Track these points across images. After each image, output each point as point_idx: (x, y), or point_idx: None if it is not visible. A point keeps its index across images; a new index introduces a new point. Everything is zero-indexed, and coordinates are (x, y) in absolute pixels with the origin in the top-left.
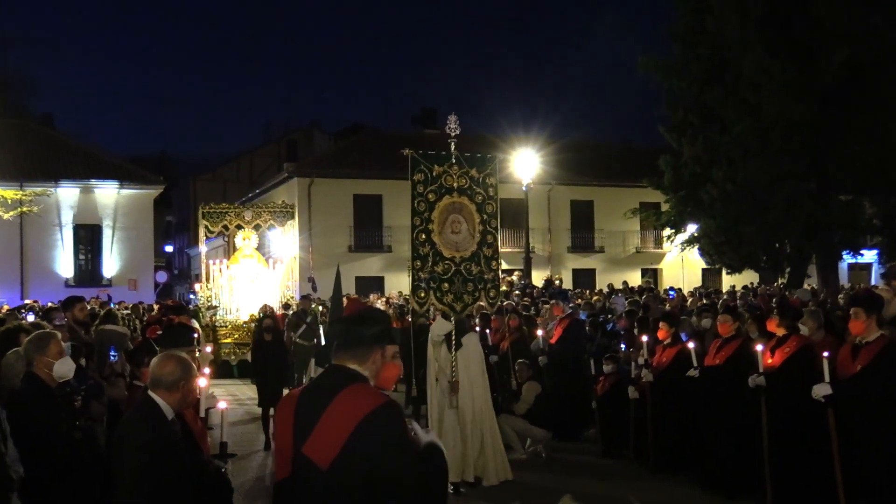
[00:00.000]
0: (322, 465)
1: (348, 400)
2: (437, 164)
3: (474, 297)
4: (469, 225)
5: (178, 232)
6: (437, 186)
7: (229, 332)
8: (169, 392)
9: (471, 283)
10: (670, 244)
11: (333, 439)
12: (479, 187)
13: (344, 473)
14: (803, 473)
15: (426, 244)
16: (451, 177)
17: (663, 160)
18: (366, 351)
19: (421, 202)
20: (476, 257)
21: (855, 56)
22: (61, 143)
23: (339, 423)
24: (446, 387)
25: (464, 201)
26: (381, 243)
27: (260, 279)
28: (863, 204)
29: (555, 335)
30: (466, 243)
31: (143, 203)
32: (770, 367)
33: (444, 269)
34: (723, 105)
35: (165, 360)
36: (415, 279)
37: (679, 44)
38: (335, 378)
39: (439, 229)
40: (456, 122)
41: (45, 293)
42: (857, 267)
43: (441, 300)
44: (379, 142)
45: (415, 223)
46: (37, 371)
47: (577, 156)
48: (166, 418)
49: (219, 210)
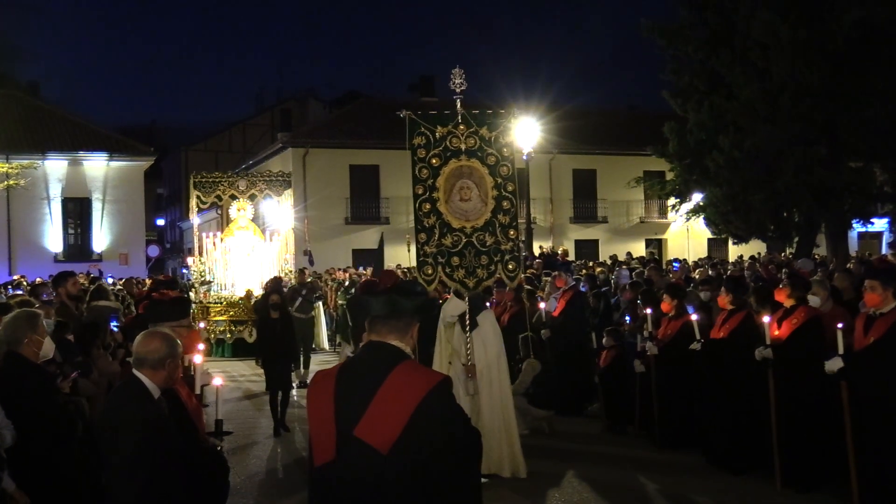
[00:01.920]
0: (381, 449)
1: (403, 379)
2: (439, 124)
3: (490, 271)
4: (480, 190)
5: (169, 205)
6: (441, 150)
7: (224, 308)
8: (154, 370)
9: (485, 255)
10: (675, 214)
11: (392, 421)
12: (492, 147)
13: (406, 455)
14: (812, 447)
15: (431, 215)
16: (458, 138)
17: (668, 127)
18: (407, 324)
19: (423, 168)
20: (490, 226)
21: (867, 17)
22: (48, 113)
23: (396, 405)
24: (461, 371)
25: (473, 164)
26: (378, 215)
27: (256, 252)
28: (874, 171)
29: (557, 308)
30: (478, 211)
31: (134, 175)
32: (777, 339)
33: (454, 241)
34: (730, 70)
35: (150, 338)
36: (420, 254)
37: (685, 7)
38: (381, 356)
39: (446, 197)
40: (462, 75)
41: (33, 269)
42: (867, 236)
43: (451, 276)
44: (375, 110)
45: (417, 192)
46: (24, 350)
47: (579, 123)
48: (153, 397)
49: (211, 179)
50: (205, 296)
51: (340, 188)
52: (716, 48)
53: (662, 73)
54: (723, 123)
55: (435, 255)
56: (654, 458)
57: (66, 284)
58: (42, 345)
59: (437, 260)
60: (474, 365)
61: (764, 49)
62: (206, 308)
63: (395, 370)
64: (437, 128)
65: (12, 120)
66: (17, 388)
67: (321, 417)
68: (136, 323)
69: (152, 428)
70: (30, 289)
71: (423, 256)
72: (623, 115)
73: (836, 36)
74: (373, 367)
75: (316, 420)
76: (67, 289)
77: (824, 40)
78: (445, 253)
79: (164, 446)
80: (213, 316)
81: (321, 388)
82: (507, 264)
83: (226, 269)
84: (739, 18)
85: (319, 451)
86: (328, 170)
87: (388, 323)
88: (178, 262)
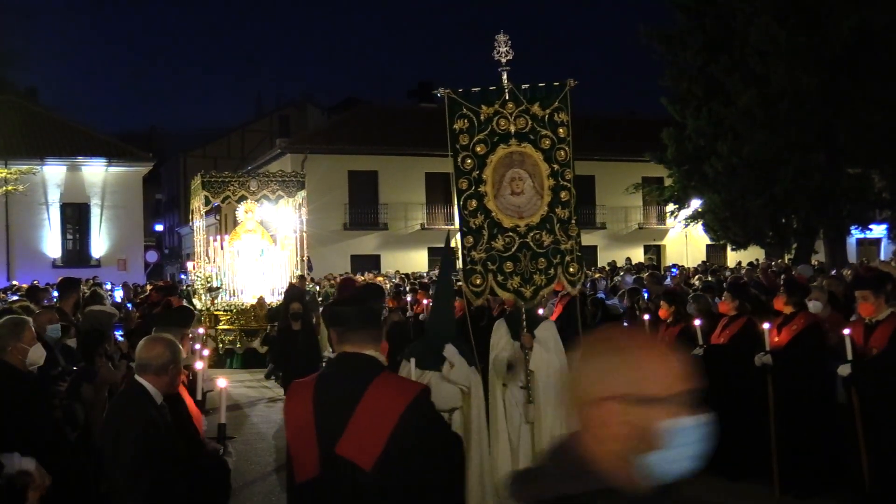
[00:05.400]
0: (364, 466)
1: (381, 392)
2: (484, 103)
3: (549, 276)
4: (535, 181)
5: (167, 210)
6: (487, 134)
7: (234, 317)
8: (157, 376)
9: (543, 257)
10: (674, 220)
11: (374, 437)
12: (546, 128)
13: (391, 471)
14: (810, 453)
15: (479, 213)
16: (506, 118)
17: (666, 133)
18: (381, 332)
19: (467, 158)
20: (547, 222)
21: (865, 22)
22: (47, 118)
23: (377, 420)
24: (518, 395)
25: (525, 150)
26: (376, 221)
27: (266, 257)
28: (872, 177)
29: (555, 312)
30: (533, 206)
31: (132, 180)
32: (776, 346)
33: (506, 243)
34: (728, 76)
35: (153, 344)
36: (466, 262)
37: (683, 13)
38: (358, 368)
39: (495, 191)
40: (507, 42)
41: (32, 274)
42: (865, 242)
43: (504, 286)
44: (374, 116)
45: (461, 187)
46: (8, 358)
47: (577, 129)
48: (156, 403)
49: (220, 179)
50: (211, 303)
51: (339, 194)
52: (714, 54)
53: (661, 79)
54: (721, 129)
55: (484, 261)
56: None
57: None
58: (27, 353)
59: (487, 267)
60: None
61: (762, 55)
62: (214, 317)
63: (373, 383)
64: (481, 107)
65: (11, 125)
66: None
67: (301, 432)
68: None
69: (155, 432)
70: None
71: (471, 264)
72: (622, 119)
73: (834, 42)
74: (351, 380)
75: (295, 434)
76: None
77: (822, 46)
78: (496, 258)
79: (166, 451)
80: (223, 325)
81: (299, 400)
82: (569, 267)
83: (234, 275)
84: (738, 24)
85: (301, 468)
86: (327, 175)
87: (363, 332)
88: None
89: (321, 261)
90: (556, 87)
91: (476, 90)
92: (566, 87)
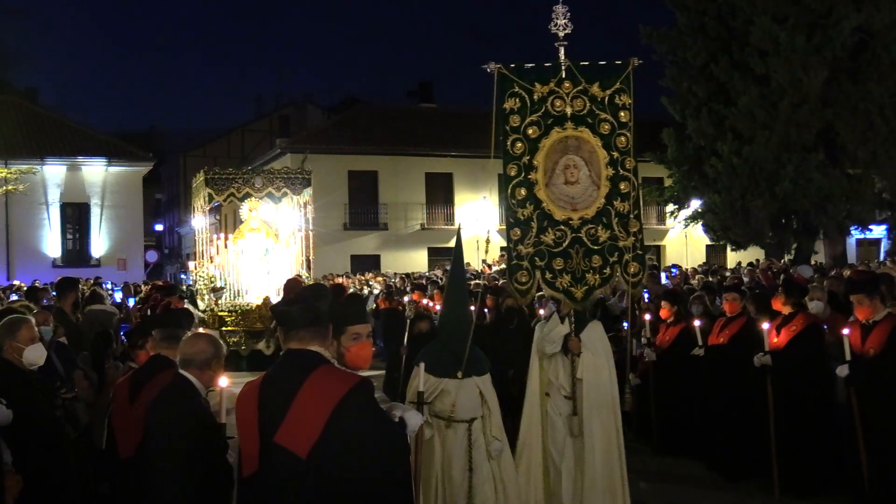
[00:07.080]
0: (300, 454)
1: (320, 383)
2: (538, 81)
3: (604, 276)
4: (591, 169)
5: (167, 210)
6: (540, 115)
7: (238, 318)
8: (201, 371)
9: (597, 254)
10: (674, 220)
11: (310, 426)
12: (605, 111)
13: (326, 459)
14: (810, 454)
15: (528, 203)
16: (562, 99)
17: (666, 134)
18: (328, 329)
19: (517, 141)
20: (604, 216)
21: (866, 24)
22: (47, 118)
23: (314, 409)
24: (563, 406)
25: (582, 134)
26: (376, 221)
27: (271, 256)
28: (872, 177)
29: None
30: (588, 197)
31: (132, 180)
32: (776, 346)
33: (556, 237)
34: (729, 76)
35: (196, 339)
36: (512, 256)
37: (684, 14)
38: (300, 362)
39: (547, 180)
40: (566, 14)
41: (32, 274)
42: (865, 243)
43: (553, 284)
44: (374, 116)
45: (509, 173)
46: (7, 356)
47: None
48: (201, 395)
49: (224, 176)
50: (215, 304)
51: (339, 194)
52: (714, 55)
53: (661, 79)
54: (721, 130)
55: (532, 256)
56: (651, 465)
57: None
58: (23, 352)
59: (535, 263)
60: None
61: (763, 55)
62: (218, 317)
63: (312, 375)
64: (534, 86)
65: (11, 125)
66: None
67: (246, 428)
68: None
69: (204, 424)
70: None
71: (517, 259)
72: None
73: (834, 42)
74: (292, 374)
75: (242, 431)
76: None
77: (823, 46)
78: (545, 253)
79: (213, 442)
80: (228, 326)
81: (246, 398)
82: (628, 266)
83: (238, 275)
84: (738, 25)
85: (246, 462)
86: (326, 175)
87: (308, 329)
88: (177, 268)
89: (321, 261)
90: (619, 65)
91: (530, 66)
92: (629, 67)
